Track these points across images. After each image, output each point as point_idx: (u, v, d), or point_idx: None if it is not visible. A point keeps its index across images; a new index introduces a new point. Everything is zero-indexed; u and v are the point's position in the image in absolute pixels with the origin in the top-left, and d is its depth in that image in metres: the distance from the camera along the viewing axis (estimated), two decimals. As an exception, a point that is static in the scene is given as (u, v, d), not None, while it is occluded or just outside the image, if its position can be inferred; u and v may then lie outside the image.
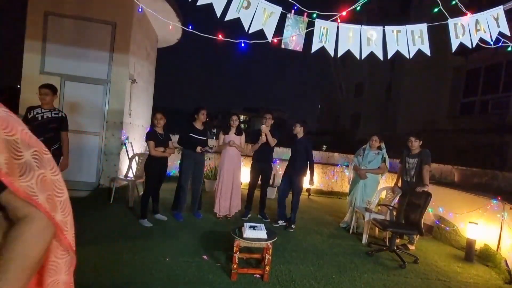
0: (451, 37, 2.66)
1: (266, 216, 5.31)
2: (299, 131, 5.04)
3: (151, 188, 4.52)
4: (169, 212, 4.94)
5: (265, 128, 4.99)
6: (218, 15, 2.30)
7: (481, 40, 2.66)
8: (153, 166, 4.45)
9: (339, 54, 2.62)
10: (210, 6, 2.30)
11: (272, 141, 5.10)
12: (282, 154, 8.38)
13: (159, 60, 8.73)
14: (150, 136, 4.42)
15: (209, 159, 7.88)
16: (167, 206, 5.08)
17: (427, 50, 2.66)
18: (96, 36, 5.80)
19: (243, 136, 5.20)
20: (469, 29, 2.63)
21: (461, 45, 2.71)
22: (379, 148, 5.13)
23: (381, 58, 2.66)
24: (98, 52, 5.80)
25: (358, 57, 2.63)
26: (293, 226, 4.92)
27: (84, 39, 5.74)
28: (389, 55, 2.67)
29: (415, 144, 4.63)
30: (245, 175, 6.68)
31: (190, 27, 2.54)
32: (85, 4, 5.71)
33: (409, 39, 2.62)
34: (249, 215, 5.24)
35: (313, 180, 5.17)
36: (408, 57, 2.66)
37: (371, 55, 2.65)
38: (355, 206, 5.02)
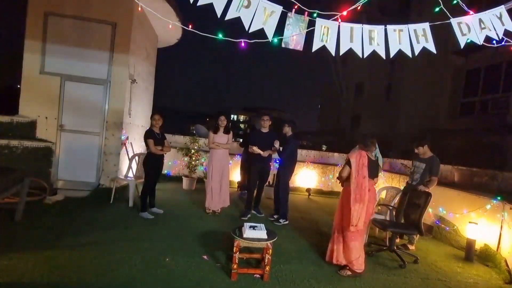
0: (457, 35, 2.62)
1: (261, 211, 5.47)
2: (287, 130, 5.26)
3: (151, 184, 4.83)
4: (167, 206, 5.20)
5: (255, 150, 5.12)
6: (219, 15, 2.30)
7: (487, 38, 2.64)
8: (152, 163, 4.75)
9: (341, 52, 2.60)
10: (210, 6, 2.30)
11: (273, 152, 5.29)
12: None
13: (159, 60, 8.73)
14: (149, 135, 4.68)
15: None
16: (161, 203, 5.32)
17: (432, 48, 2.63)
18: (96, 36, 5.79)
19: (230, 135, 5.31)
20: (474, 28, 2.61)
21: (466, 43, 2.68)
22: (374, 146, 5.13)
23: (384, 57, 2.63)
24: (98, 52, 5.80)
25: (360, 55, 2.61)
26: (281, 220, 5.08)
27: (84, 39, 5.74)
28: (392, 54, 2.65)
29: (421, 150, 4.59)
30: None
31: (190, 26, 2.54)
32: (85, 4, 5.71)
33: (412, 37, 2.60)
34: (249, 215, 5.27)
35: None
36: (411, 56, 2.63)
37: (373, 54, 2.63)
38: None
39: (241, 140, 10.10)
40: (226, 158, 5.31)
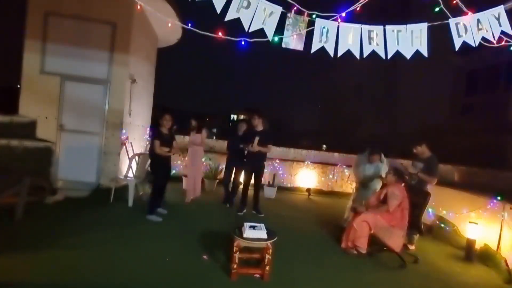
0: (453, 36, 2.61)
1: (261, 211, 5.46)
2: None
3: (160, 186, 4.78)
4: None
5: (255, 147, 5.24)
6: (218, 11, 2.29)
7: (484, 39, 2.64)
8: (159, 165, 4.70)
9: (339, 54, 2.60)
10: (210, 5, 2.29)
11: (267, 150, 5.39)
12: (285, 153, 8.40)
13: (159, 60, 8.73)
14: (157, 134, 4.63)
15: (209, 159, 7.87)
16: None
17: (424, 51, 2.63)
18: (96, 36, 5.79)
19: (204, 132, 5.78)
20: (471, 28, 2.60)
21: (463, 44, 2.67)
22: (380, 160, 5.05)
23: (384, 57, 2.63)
24: (98, 52, 5.79)
25: (358, 57, 2.61)
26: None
27: (84, 39, 5.74)
28: (389, 55, 2.64)
29: (419, 150, 4.58)
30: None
31: (189, 25, 2.53)
32: (85, 4, 5.71)
33: (408, 39, 2.59)
34: (245, 211, 5.40)
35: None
36: (407, 57, 2.63)
37: (372, 54, 2.63)
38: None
39: None
40: (200, 154, 5.92)
